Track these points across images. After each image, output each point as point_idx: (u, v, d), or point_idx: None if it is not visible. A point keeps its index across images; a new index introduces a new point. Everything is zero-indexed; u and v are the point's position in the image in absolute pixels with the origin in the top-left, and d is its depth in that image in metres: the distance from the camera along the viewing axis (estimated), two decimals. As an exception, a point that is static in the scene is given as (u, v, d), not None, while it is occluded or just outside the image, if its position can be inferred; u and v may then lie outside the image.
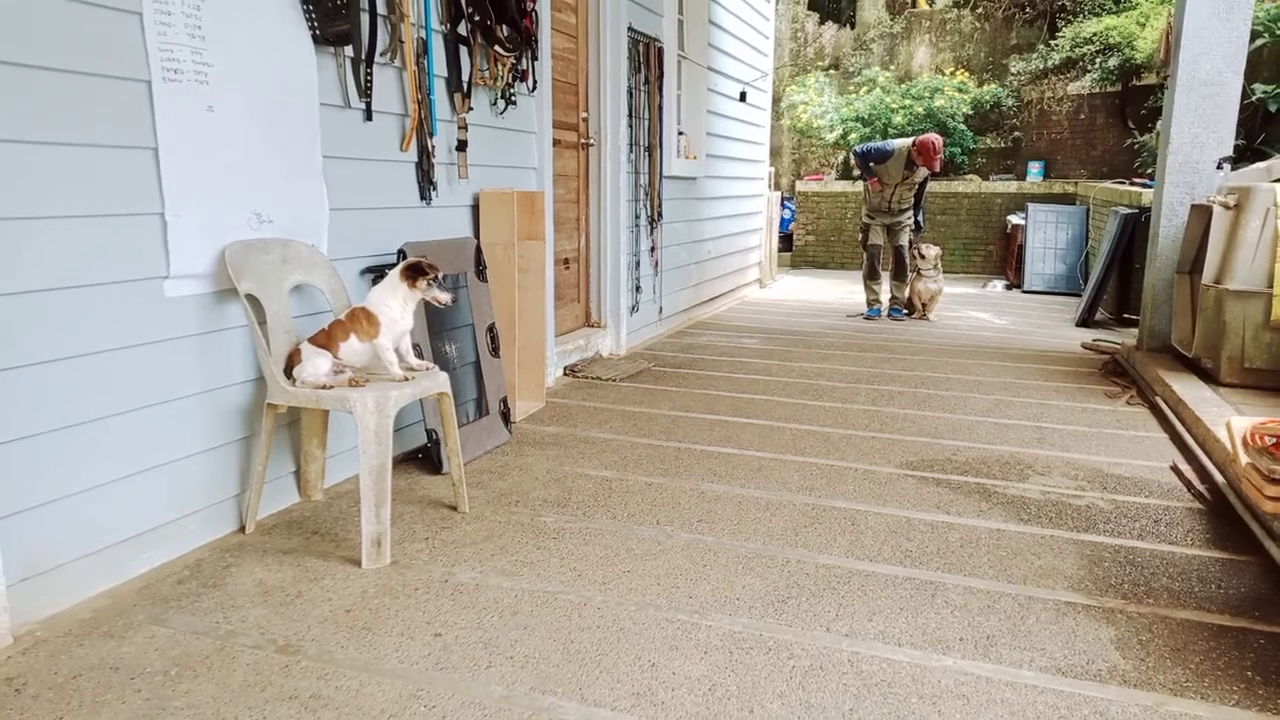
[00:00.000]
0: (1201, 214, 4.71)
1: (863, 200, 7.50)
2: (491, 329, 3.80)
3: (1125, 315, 7.21)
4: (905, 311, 7.46)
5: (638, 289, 5.88)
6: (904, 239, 7.26)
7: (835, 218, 12.04)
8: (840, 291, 9.32)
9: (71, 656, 2.05)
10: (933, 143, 6.84)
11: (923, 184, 7.20)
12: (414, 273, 2.75)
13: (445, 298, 2.81)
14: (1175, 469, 3.48)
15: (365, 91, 3.15)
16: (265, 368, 2.67)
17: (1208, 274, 4.41)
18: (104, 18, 2.26)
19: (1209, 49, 4.87)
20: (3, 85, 2.04)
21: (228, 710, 1.86)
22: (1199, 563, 2.65)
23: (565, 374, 4.99)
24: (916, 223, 7.35)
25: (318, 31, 2.90)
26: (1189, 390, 4.21)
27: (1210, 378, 4.41)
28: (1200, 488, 3.23)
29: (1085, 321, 7.19)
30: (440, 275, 2.80)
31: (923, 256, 7.19)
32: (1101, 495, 3.21)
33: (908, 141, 6.98)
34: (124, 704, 1.87)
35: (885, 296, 7.46)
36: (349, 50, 3.08)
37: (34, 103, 2.11)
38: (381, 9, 3.19)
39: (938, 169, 6.92)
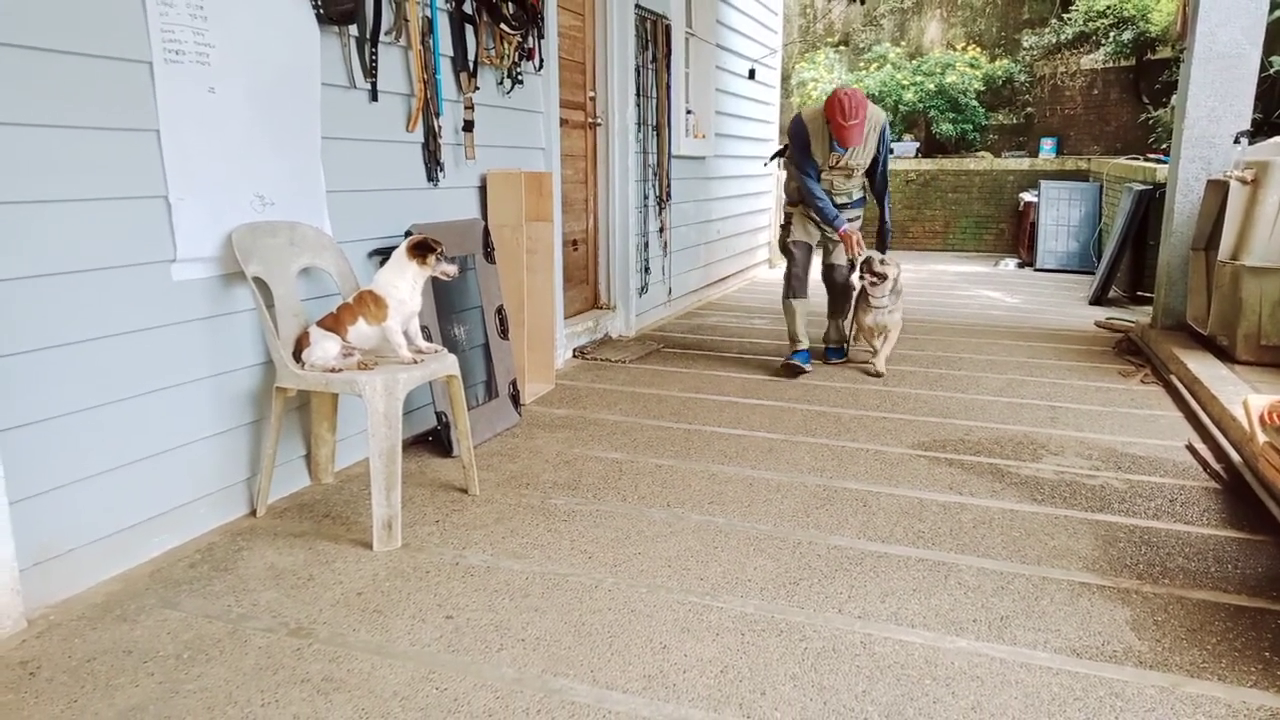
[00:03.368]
0: (1218, 189, 4.64)
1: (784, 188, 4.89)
2: (500, 311, 3.78)
3: (1139, 293, 7.14)
4: (843, 354, 5.00)
5: (646, 270, 5.85)
6: (842, 255, 4.67)
7: (845, 196, 11.94)
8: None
9: (85, 640, 2.06)
10: (839, 102, 4.16)
11: (874, 166, 4.57)
12: (422, 250, 2.73)
13: (453, 269, 2.81)
14: (1191, 448, 3.45)
15: (370, 71, 3.12)
16: (273, 351, 2.66)
17: (1224, 250, 4.35)
18: (105, -2, 2.24)
19: (1227, 20, 4.78)
20: (3, 67, 2.02)
21: (240, 693, 1.86)
22: (1215, 542, 2.63)
23: (574, 356, 4.97)
24: (881, 228, 4.74)
25: (321, 11, 2.87)
26: (1204, 368, 4.16)
27: (1226, 355, 4.36)
28: (1216, 467, 3.20)
29: (1099, 300, 7.12)
30: (444, 249, 2.78)
31: (878, 277, 4.52)
32: (1116, 475, 3.18)
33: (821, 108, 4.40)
34: (137, 687, 1.88)
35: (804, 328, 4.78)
36: (353, 29, 3.04)
37: (35, 85, 2.09)
38: (386, -13, 3.15)
39: (853, 142, 4.24)
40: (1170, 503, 2.92)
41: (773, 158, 5.43)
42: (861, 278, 4.59)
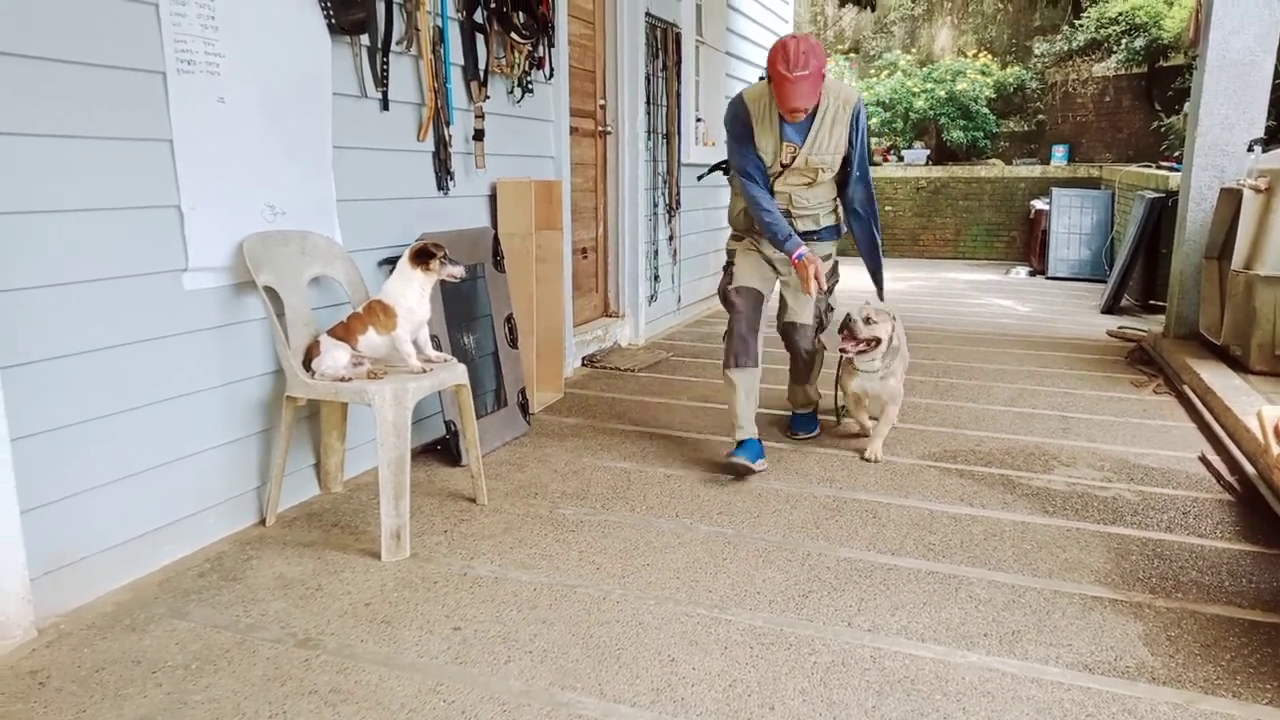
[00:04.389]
0: (1231, 197, 4.61)
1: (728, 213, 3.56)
2: (509, 320, 3.78)
3: (1151, 302, 7.09)
4: (813, 422, 3.78)
5: (656, 278, 5.85)
6: (807, 309, 3.49)
7: (855, 204, 11.92)
8: (860, 280, 9.22)
9: (94, 649, 2.07)
10: (783, 47, 2.88)
11: (847, 170, 3.25)
12: (424, 257, 2.73)
13: (459, 270, 2.80)
14: (1204, 460, 3.42)
15: (381, 81, 3.13)
16: (284, 360, 2.66)
17: (1237, 259, 4.31)
18: (121, 9, 2.25)
19: (1240, 27, 4.76)
20: (20, 78, 2.04)
21: (248, 704, 1.86)
22: (1229, 556, 2.60)
23: (584, 364, 4.97)
24: (872, 266, 3.52)
25: (333, 20, 2.88)
26: (1217, 378, 4.12)
27: (1240, 365, 4.32)
28: (1230, 479, 3.17)
29: (1111, 308, 7.07)
30: (446, 253, 2.78)
31: (865, 344, 3.37)
32: (1128, 487, 3.15)
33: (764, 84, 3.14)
34: (145, 697, 1.88)
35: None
36: (365, 39, 3.06)
37: (52, 96, 2.10)
38: (397, -2, 3.16)
39: (801, 102, 2.92)
40: (1183, 515, 2.90)
41: (711, 170, 3.76)
42: (842, 350, 3.39)
